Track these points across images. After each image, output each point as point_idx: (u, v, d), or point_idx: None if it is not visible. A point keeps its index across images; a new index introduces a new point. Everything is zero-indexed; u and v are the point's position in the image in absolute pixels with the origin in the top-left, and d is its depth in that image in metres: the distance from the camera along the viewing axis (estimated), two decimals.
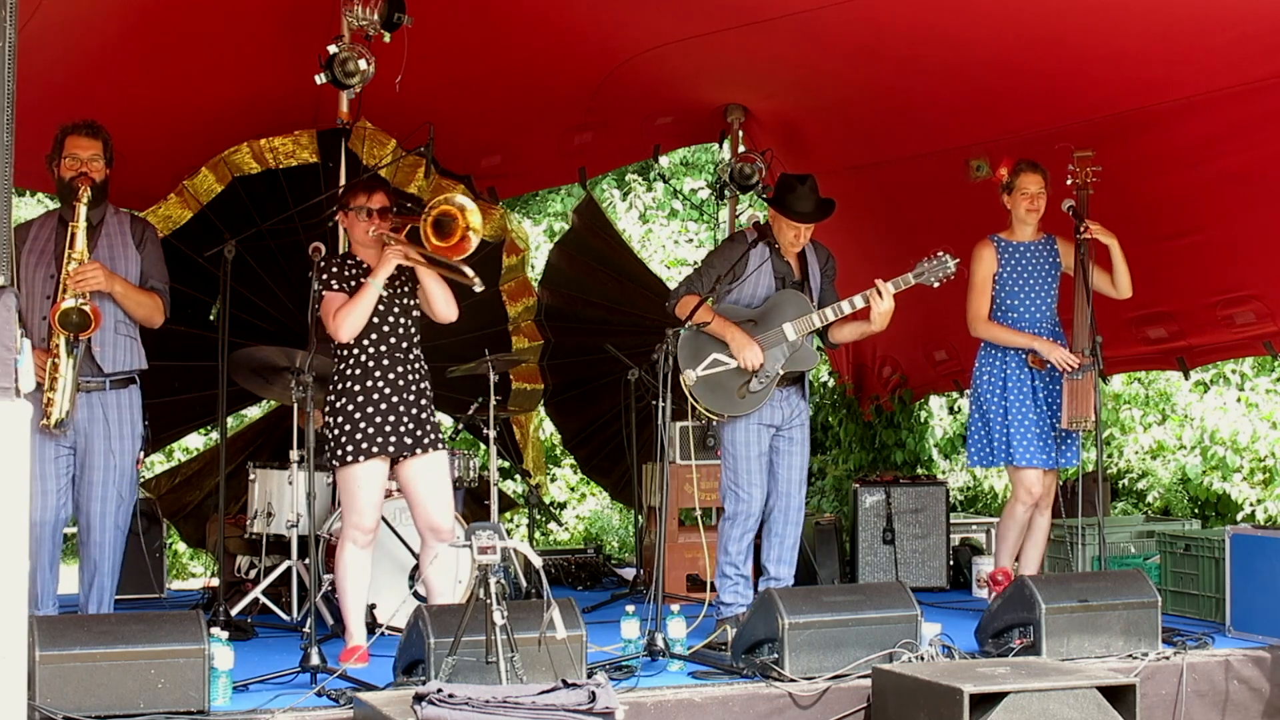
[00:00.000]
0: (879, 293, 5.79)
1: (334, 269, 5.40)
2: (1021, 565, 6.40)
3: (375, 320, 5.37)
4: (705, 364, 5.85)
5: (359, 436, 5.31)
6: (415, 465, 5.41)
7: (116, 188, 5.57)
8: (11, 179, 3.90)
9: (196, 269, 6.86)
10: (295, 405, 6.21)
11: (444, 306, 5.45)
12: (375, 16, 6.37)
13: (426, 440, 5.41)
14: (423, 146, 6.16)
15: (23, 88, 3.90)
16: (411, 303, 5.48)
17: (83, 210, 5.20)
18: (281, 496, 6.49)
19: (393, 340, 5.41)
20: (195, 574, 10.89)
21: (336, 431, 5.34)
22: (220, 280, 5.83)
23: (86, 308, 5.11)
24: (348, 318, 5.29)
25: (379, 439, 5.33)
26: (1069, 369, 6.09)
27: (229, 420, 6.94)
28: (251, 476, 6.68)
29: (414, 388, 5.42)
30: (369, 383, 5.35)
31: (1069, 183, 6.19)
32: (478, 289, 5.35)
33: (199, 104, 7.00)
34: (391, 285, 5.43)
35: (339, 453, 5.33)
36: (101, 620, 4.63)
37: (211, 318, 7.49)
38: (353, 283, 5.38)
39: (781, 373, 5.90)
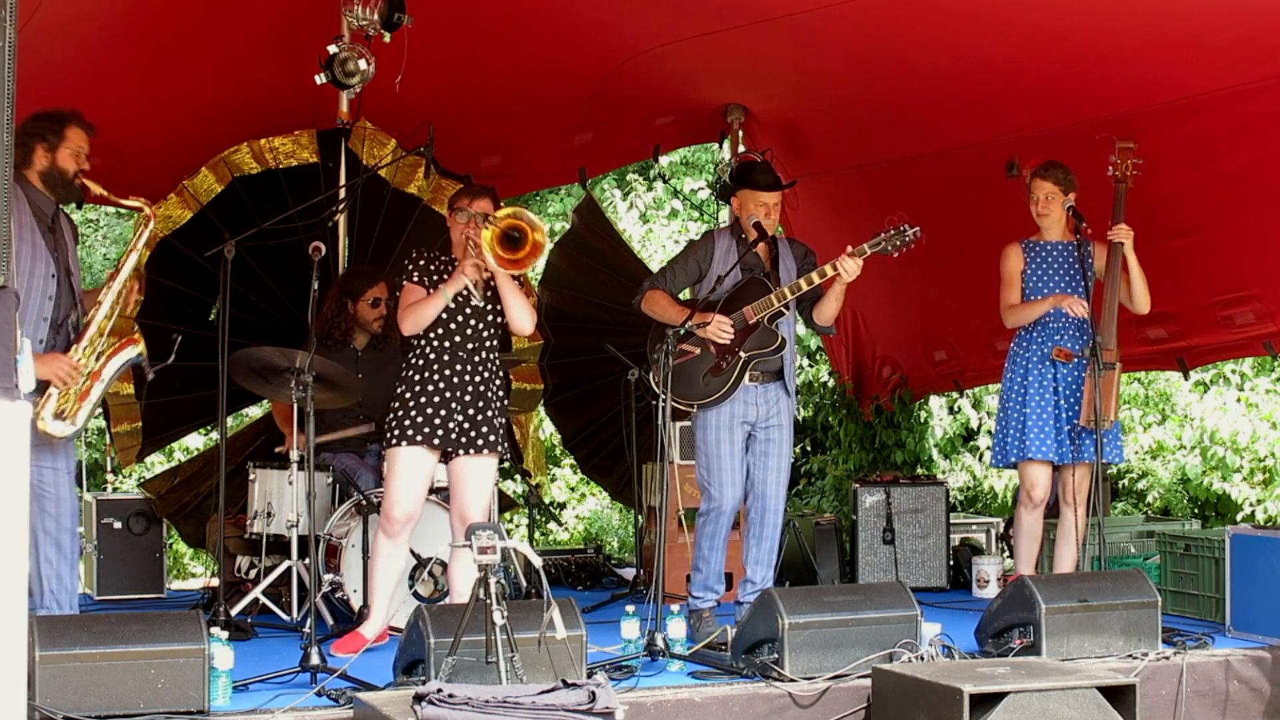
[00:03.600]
0: (845, 266, 5.73)
1: (421, 262, 5.62)
2: (1056, 563, 6.37)
3: (444, 317, 5.54)
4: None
5: (407, 423, 5.50)
6: (463, 463, 5.58)
7: (117, 187, 5.54)
8: (11, 179, 3.90)
9: (196, 269, 6.86)
10: (295, 405, 6.22)
11: (519, 319, 5.60)
12: (375, 16, 6.36)
13: (481, 441, 5.56)
14: (423, 146, 6.16)
15: (23, 87, 3.90)
16: (488, 307, 5.60)
17: (145, 235, 5.26)
18: (281, 496, 6.48)
19: (458, 339, 5.56)
20: (195, 574, 10.88)
21: (391, 416, 5.55)
22: (220, 280, 5.83)
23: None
24: (412, 316, 5.52)
25: (425, 429, 5.50)
26: (1086, 357, 6.05)
27: (229, 420, 6.94)
28: (251, 476, 6.68)
29: (473, 388, 5.57)
30: (428, 374, 5.55)
31: (1110, 173, 6.17)
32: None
33: (199, 104, 7.00)
34: (470, 288, 5.55)
35: (389, 435, 5.53)
36: (101, 620, 4.63)
37: (211, 318, 7.49)
38: (434, 277, 5.59)
39: (743, 356, 5.89)
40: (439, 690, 4.04)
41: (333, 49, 6.39)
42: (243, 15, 6.40)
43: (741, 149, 8.39)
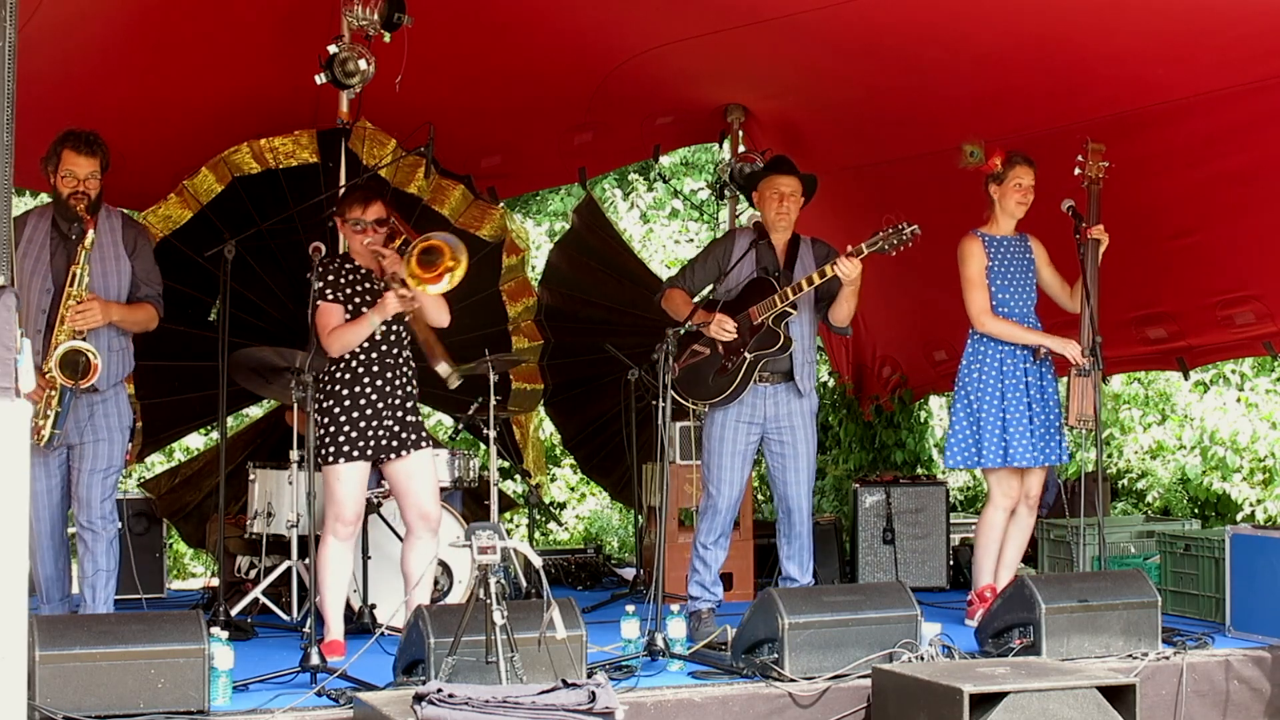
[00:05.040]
0: (842, 268, 5.73)
1: (329, 276, 5.57)
2: (1001, 565, 6.28)
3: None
4: (685, 356, 5.92)
5: (341, 439, 5.52)
6: (399, 466, 5.62)
7: (116, 188, 5.55)
8: (11, 179, 3.90)
9: (196, 269, 6.85)
10: (295, 405, 6.22)
11: (435, 316, 5.66)
12: (375, 16, 6.36)
13: (410, 441, 5.63)
14: (423, 146, 6.17)
15: (23, 87, 3.90)
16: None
17: (84, 255, 5.23)
18: (281, 496, 6.48)
19: (384, 347, 5.61)
20: (195, 574, 10.88)
21: (321, 432, 5.52)
22: (220, 280, 5.83)
23: (94, 357, 5.13)
24: (339, 341, 5.51)
25: (360, 443, 5.54)
26: (1079, 364, 6.03)
27: (229, 420, 6.93)
28: (251, 476, 6.68)
29: (400, 391, 5.64)
30: (356, 388, 5.56)
31: (1076, 173, 6.14)
32: (451, 384, 5.70)
33: (199, 104, 7.00)
34: (385, 288, 5.55)
35: (322, 452, 5.52)
36: (101, 620, 4.63)
37: (211, 318, 7.49)
38: (349, 290, 5.57)
39: (749, 356, 5.89)
40: (439, 690, 4.03)
41: (333, 49, 6.39)
42: (243, 15, 6.40)
43: (741, 149, 8.40)
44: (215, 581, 6.62)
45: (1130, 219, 6.34)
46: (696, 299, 6.20)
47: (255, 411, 9.24)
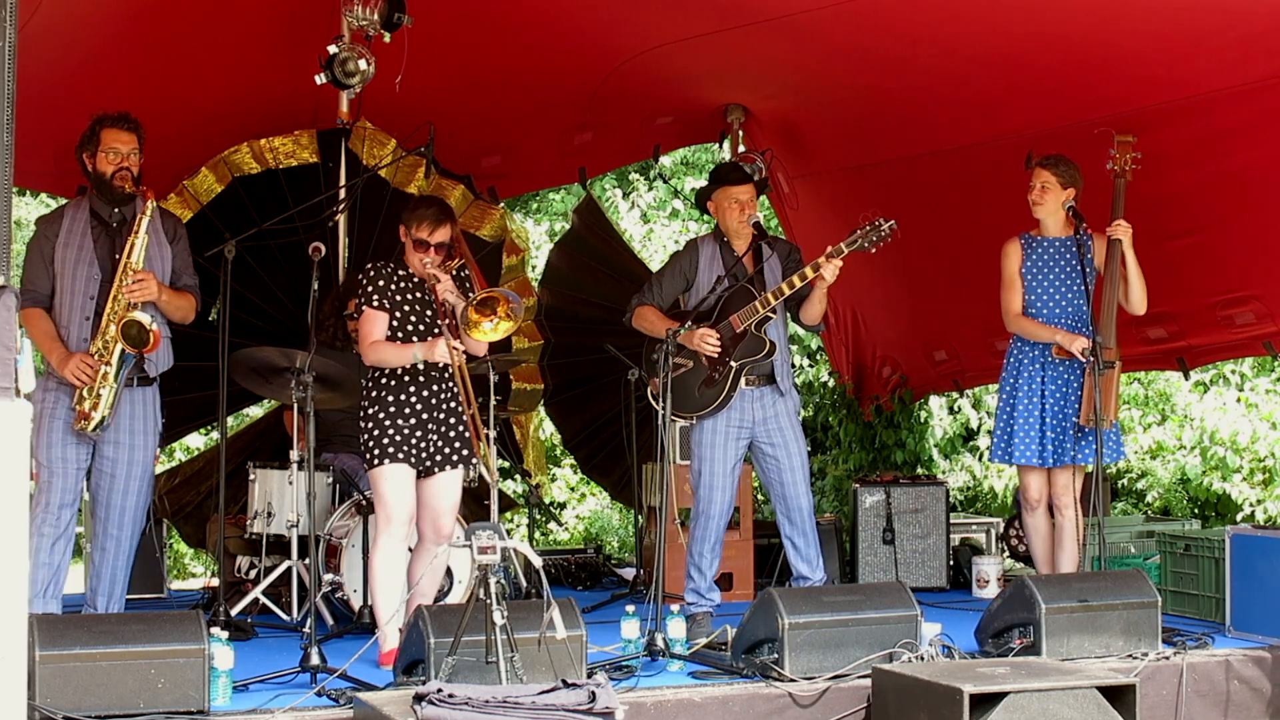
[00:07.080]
0: (826, 270, 5.70)
1: (380, 282, 5.51)
2: (1055, 566, 6.30)
3: (415, 340, 5.51)
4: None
5: (385, 441, 5.44)
6: (437, 480, 5.56)
7: None
8: (11, 179, 3.91)
9: (197, 269, 6.85)
10: (295, 406, 6.22)
11: (476, 350, 5.63)
12: (375, 16, 6.37)
13: (455, 458, 5.58)
14: (423, 146, 6.18)
15: (23, 87, 3.90)
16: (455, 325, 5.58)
17: (145, 222, 5.29)
18: (281, 496, 6.49)
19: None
20: (195, 574, 10.89)
21: (366, 436, 5.49)
22: (220, 280, 5.83)
23: (150, 325, 5.16)
24: (378, 356, 5.46)
25: (405, 447, 5.46)
26: (1087, 359, 6.04)
27: (229, 420, 6.93)
28: (251, 476, 6.68)
29: (445, 408, 5.56)
30: (403, 396, 5.49)
31: (1109, 167, 6.13)
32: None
33: (199, 104, 7.00)
34: (435, 312, 5.52)
35: (368, 456, 5.47)
36: (101, 620, 4.63)
37: (211, 318, 7.49)
38: (398, 297, 5.50)
39: (734, 364, 5.90)
40: (439, 690, 4.03)
41: (333, 49, 6.39)
42: (243, 15, 6.41)
43: (741, 149, 8.39)
44: (215, 581, 6.61)
45: (1130, 219, 6.33)
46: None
47: (255, 411, 9.25)
